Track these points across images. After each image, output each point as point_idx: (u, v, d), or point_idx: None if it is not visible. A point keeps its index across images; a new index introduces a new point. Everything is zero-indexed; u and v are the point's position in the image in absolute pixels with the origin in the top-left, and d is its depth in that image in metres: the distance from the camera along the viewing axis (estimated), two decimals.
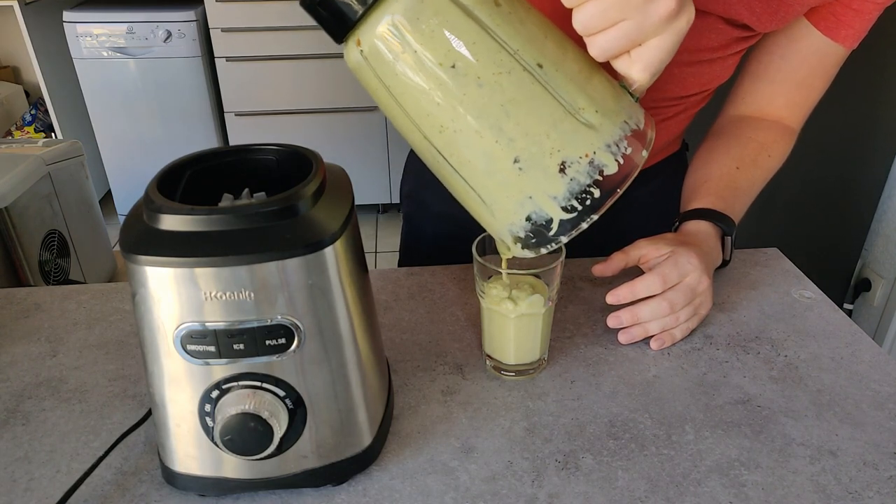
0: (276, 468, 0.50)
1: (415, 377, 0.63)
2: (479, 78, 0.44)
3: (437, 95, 0.44)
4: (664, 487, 0.51)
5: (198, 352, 0.45)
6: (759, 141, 0.79)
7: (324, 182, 0.48)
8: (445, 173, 0.50)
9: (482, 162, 0.46)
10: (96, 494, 0.51)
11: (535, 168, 0.45)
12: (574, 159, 0.45)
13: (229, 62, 2.44)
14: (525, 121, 0.45)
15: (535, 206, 0.47)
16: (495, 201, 0.48)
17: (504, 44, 0.43)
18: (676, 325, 0.66)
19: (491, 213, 0.50)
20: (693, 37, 0.71)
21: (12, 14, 2.34)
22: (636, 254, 0.69)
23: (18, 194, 1.47)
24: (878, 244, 1.91)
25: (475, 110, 0.44)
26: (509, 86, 0.44)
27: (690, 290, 0.65)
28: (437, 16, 0.43)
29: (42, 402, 0.60)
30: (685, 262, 0.65)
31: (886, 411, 0.59)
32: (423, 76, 0.44)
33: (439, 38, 0.43)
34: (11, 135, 2.67)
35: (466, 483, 0.52)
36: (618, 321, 0.66)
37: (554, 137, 0.45)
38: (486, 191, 0.48)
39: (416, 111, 0.46)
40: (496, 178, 0.47)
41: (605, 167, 0.45)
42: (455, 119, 0.45)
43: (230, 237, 0.43)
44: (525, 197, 0.47)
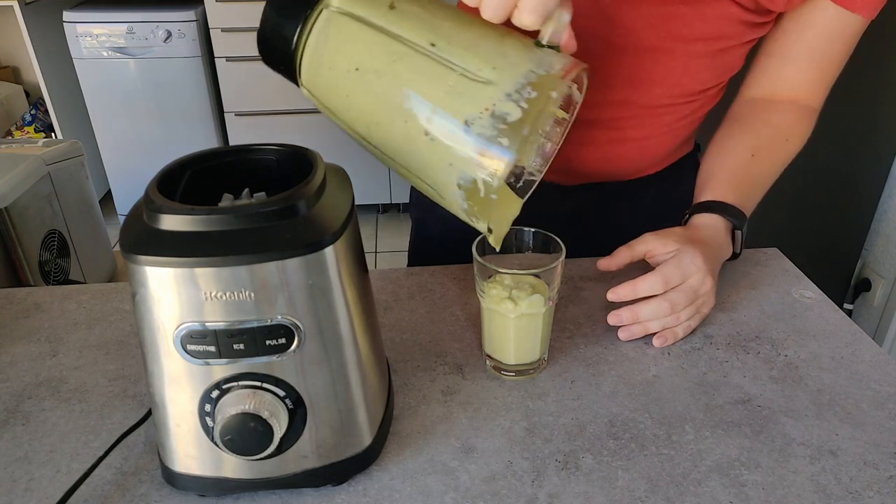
0: (276, 468, 0.50)
1: (415, 377, 0.63)
2: (378, 70, 0.49)
3: (355, 99, 0.50)
4: (664, 487, 0.51)
5: (198, 352, 0.45)
6: (775, 125, 0.77)
7: (324, 182, 0.48)
8: (399, 170, 0.53)
9: (405, 145, 0.50)
10: (96, 494, 0.51)
11: (444, 134, 0.48)
12: (475, 116, 0.47)
13: (229, 62, 2.44)
14: (424, 95, 0.48)
15: (457, 171, 0.49)
16: (433, 180, 0.51)
17: (397, 37, 0.49)
18: (678, 325, 0.66)
19: (439, 194, 0.52)
20: (707, 25, 0.71)
21: (12, 14, 2.34)
22: (642, 248, 0.69)
23: (18, 194, 1.47)
24: (878, 244, 1.91)
25: (381, 99, 0.49)
26: (404, 70, 0.48)
27: (693, 291, 0.65)
28: (340, 33, 0.49)
29: (42, 402, 0.60)
30: (689, 262, 0.65)
31: (886, 411, 0.59)
32: (343, 86, 0.50)
33: (343, 50, 0.49)
34: (11, 135, 2.67)
35: (466, 483, 0.52)
36: (618, 319, 0.66)
37: (451, 101, 0.48)
38: (423, 173, 0.51)
39: (350, 119, 0.51)
40: (420, 157, 0.50)
41: (507, 115, 0.47)
42: (373, 113, 0.50)
43: (230, 237, 0.43)
44: (447, 165, 0.49)
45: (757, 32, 0.74)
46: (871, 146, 1.78)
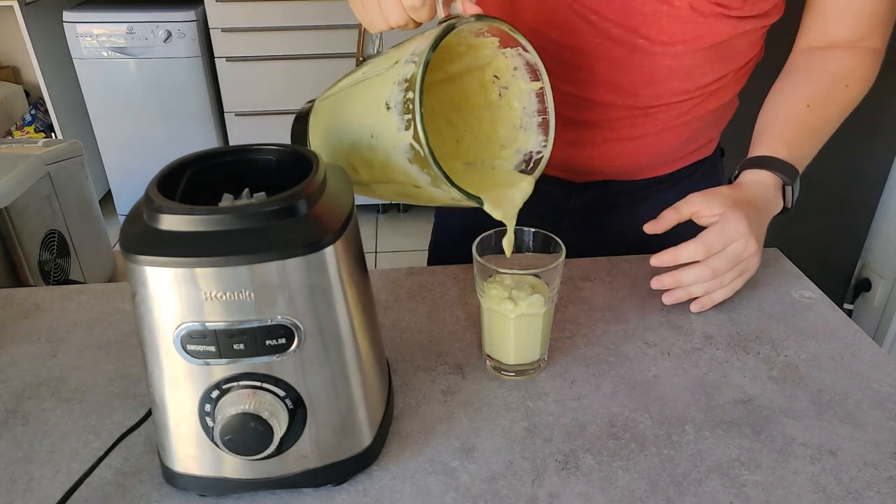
0: (277, 468, 0.50)
1: (415, 377, 0.63)
2: (341, 113, 0.63)
3: (341, 141, 0.63)
4: (664, 487, 0.51)
5: (198, 352, 0.45)
6: (831, 73, 0.75)
7: (324, 182, 0.48)
8: (403, 191, 0.61)
9: (373, 156, 0.59)
10: (96, 494, 0.51)
11: (379, 124, 0.57)
12: (388, 93, 0.56)
13: (229, 62, 2.44)
14: (359, 106, 0.60)
15: (401, 149, 0.56)
16: (405, 174, 0.57)
17: (346, 87, 0.63)
18: (719, 289, 0.67)
19: (416, 184, 0.58)
20: (686, 26, 0.71)
21: (12, 14, 2.34)
22: (688, 211, 0.69)
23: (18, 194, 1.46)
24: (878, 244, 1.91)
25: (348, 127, 0.61)
26: (351, 99, 0.62)
27: (735, 257, 0.65)
28: (319, 112, 0.66)
29: (42, 402, 0.60)
30: (732, 228, 0.65)
31: (886, 411, 0.59)
32: (334, 138, 0.64)
33: (325, 116, 0.65)
34: (11, 135, 2.67)
35: (466, 483, 0.52)
36: (660, 284, 0.68)
37: (377, 95, 0.57)
38: (394, 175, 0.59)
39: (352, 160, 0.62)
40: (380, 159, 0.58)
41: (406, 74, 0.54)
42: (349, 143, 0.61)
43: (230, 237, 0.43)
44: (392, 147, 0.56)
45: (752, 24, 0.73)
46: (871, 146, 1.78)
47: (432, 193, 0.58)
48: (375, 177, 0.61)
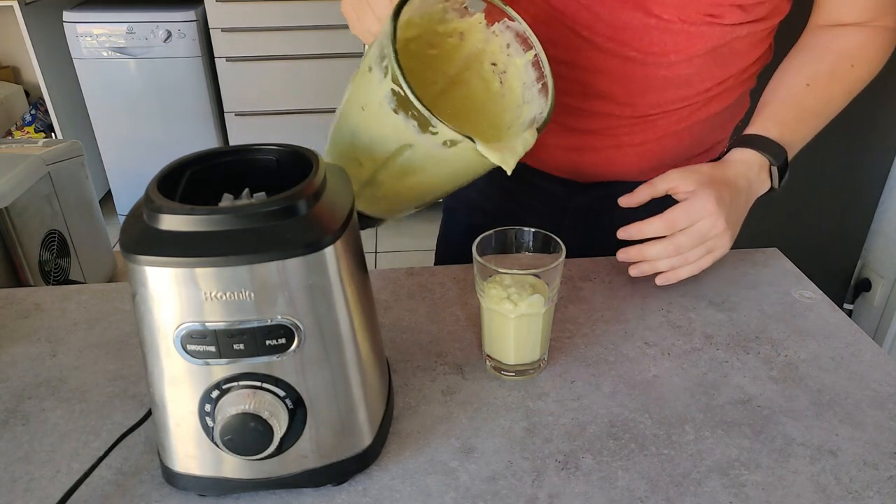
0: (277, 468, 0.50)
1: (415, 377, 0.63)
2: (338, 117, 0.65)
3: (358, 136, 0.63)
4: (664, 487, 0.51)
5: (198, 352, 0.45)
6: (836, 51, 0.74)
7: (324, 182, 0.48)
8: (412, 174, 0.62)
9: (364, 131, 0.61)
10: (96, 494, 0.51)
11: (364, 90, 0.59)
12: (370, 58, 0.59)
13: (229, 62, 2.44)
14: (351, 91, 0.62)
15: (385, 96, 0.56)
16: (395, 133, 0.58)
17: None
18: (685, 265, 0.67)
19: (409, 142, 0.58)
20: (677, 37, 0.71)
21: (12, 14, 2.34)
22: (663, 186, 0.69)
23: (18, 194, 1.46)
24: (878, 244, 1.91)
25: (345, 120, 0.63)
26: (346, 97, 0.64)
27: (701, 235, 0.66)
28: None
29: (42, 402, 0.60)
30: (699, 206, 0.65)
31: (886, 411, 0.59)
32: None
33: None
34: (11, 135, 2.67)
35: (466, 483, 0.52)
36: (626, 256, 0.68)
37: (361, 72, 0.61)
38: (389, 141, 0.59)
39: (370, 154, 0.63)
40: (372, 127, 0.60)
41: (382, 34, 0.57)
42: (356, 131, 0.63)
43: (230, 237, 0.43)
44: (378, 106, 0.57)
45: (748, 28, 0.72)
46: (871, 146, 1.78)
47: (430, 158, 0.58)
48: (374, 159, 0.61)
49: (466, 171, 0.61)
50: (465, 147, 0.56)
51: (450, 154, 0.57)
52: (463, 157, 0.58)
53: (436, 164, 0.60)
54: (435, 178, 0.63)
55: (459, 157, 0.58)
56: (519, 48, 0.65)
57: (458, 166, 0.60)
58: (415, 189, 0.64)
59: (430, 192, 0.66)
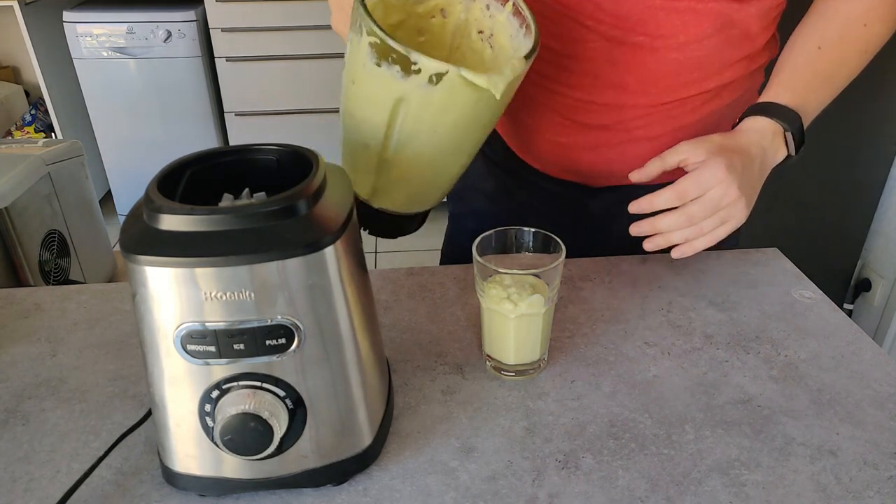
0: (277, 468, 0.50)
1: (415, 377, 0.63)
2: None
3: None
4: (664, 487, 0.51)
5: (198, 352, 0.45)
6: (846, 13, 0.72)
7: (324, 182, 0.48)
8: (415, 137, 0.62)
9: (360, 103, 0.62)
10: (96, 494, 0.51)
11: (348, 60, 0.61)
12: (350, 34, 0.60)
13: (229, 62, 2.44)
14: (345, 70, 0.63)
15: (366, 53, 0.57)
16: (384, 89, 0.58)
17: None
18: (699, 236, 0.66)
19: (400, 95, 0.58)
20: (685, 15, 0.70)
21: (12, 14, 2.34)
22: (674, 158, 0.68)
23: (18, 194, 1.46)
24: (878, 244, 1.91)
25: (345, 111, 0.65)
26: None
27: (713, 204, 0.65)
28: None
29: (42, 402, 0.60)
30: (710, 175, 0.64)
31: (886, 411, 0.59)
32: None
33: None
34: (11, 135, 2.67)
35: (466, 483, 0.52)
36: (639, 230, 0.67)
37: (347, 55, 0.62)
38: (381, 102, 0.59)
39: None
40: (362, 92, 0.61)
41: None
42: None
43: (230, 237, 0.43)
44: (362, 66, 0.58)
45: (756, 5, 0.71)
46: (871, 146, 1.78)
47: (426, 109, 0.57)
48: (375, 130, 0.61)
49: (467, 120, 0.60)
50: (453, 83, 0.55)
51: (442, 96, 0.57)
52: (456, 99, 0.57)
53: (433, 115, 0.59)
54: (440, 139, 0.61)
55: (453, 99, 0.57)
56: (497, 4, 0.65)
57: (455, 114, 0.59)
58: (426, 160, 0.63)
59: (443, 160, 0.64)
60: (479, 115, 0.60)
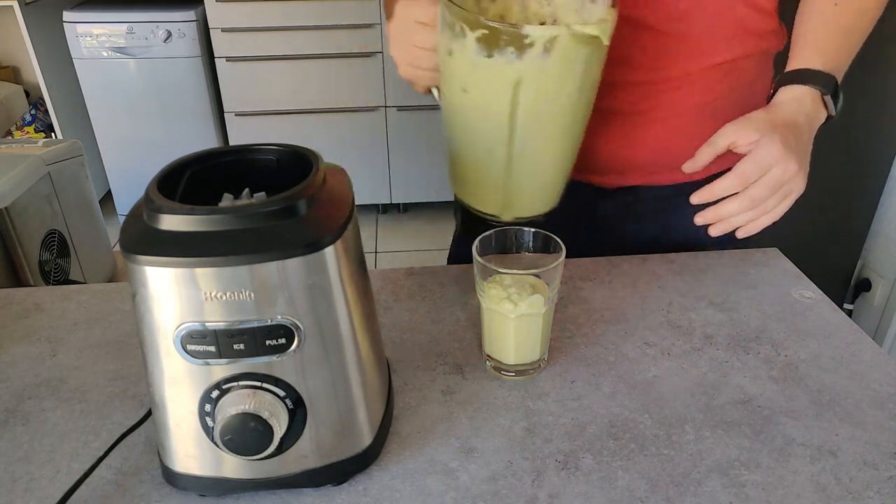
0: (277, 468, 0.50)
1: (415, 377, 0.63)
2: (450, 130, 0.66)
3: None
4: (664, 487, 0.51)
5: (198, 352, 0.45)
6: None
7: (324, 182, 0.48)
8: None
9: (481, 110, 0.61)
10: (96, 494, 0.51)
11: (460, 74, 0.61)
12: (444, 45, 0.61)
13: (229, 62, 2.44)
14: (448, 93, 0.64)
15: (473, 50, 0.57)
16: (501, 81, 0.58)
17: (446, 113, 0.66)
18: (764, 214, 0.66)
19: (517, 78, 0.58)
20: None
21: (12, 14, 2.34)
22: (724, 142, 0.67)
23: (18, 194, 1.46)
24: (878, 244, 1.91)
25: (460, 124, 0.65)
26: (449, 112, 0.65)
27: (775, 182, 0.64)
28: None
29: (42, 402, 0.60)
30: (766, 155, 0.64)
31: (886, 411, 0.59)
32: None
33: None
34: (11, 135, 2.67)
35: (466, 483, 0.52)
36: (703, 219, 0.66)
37: (446, 71, 0.63)
38: (499, 94, 0.59)
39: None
40: (482, 94, 0.60)
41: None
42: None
43: (230, 237, 0.43)
44: (472, 66, 0.59)
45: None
46: (871, 146, 1.78)
47: (544, 81, 0.57)
48: (500, 128, 0.59)
49: (582, 82, 0.59)
50: (566, 45, 0.55)
51: (557, 63, 0.56)
52: (570, 61, 0.56)
53: (554, 87, 0.58)
54: (562, 111, 0.60)
55: (567, 62, 0.56)
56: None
57: (572, 78, 0.58)
58: (554, 140, 0.61)
59: (568, 135, 0.63)
60: (591, 73, 0.59)
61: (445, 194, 2.74)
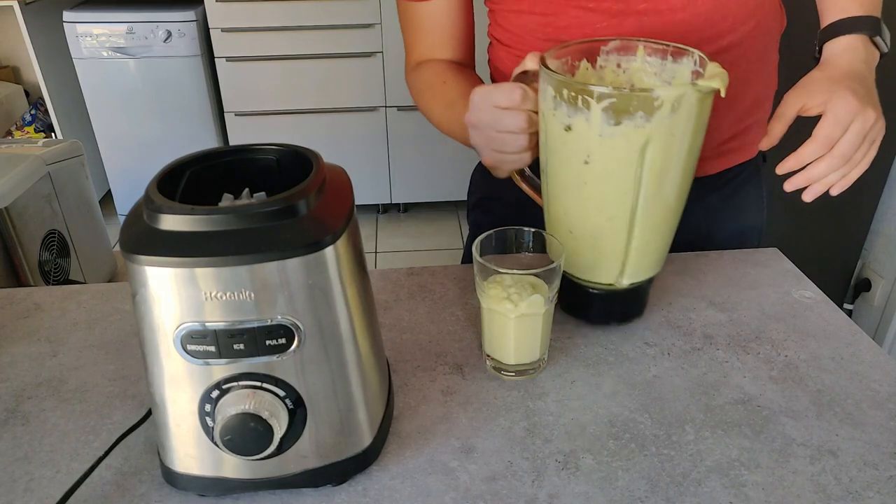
0: (276, 468, 0.50)
1: (415, 377, 0.63)
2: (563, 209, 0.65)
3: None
4: (664, 487, 0.51)
5: (198, 352, 0.45)
6: None
7: (324, 182, 0.48)
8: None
9: (606, 189, 0.61)
10: (96, 494, 0.51)
11: (582, 147, 0.60)
12: (561, 122, 0.60)
13: (229, 62, 2.44)
14: (561, 161, 0.64)
15: (599, 124, 0.57)
16: (626, 153, 0.59)
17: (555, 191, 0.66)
18: (854, 168, 0.65)
19: (648, 138, 0.58)
20: None
21: (12, 14, 2.34)
22: (791, 112, 0.66)
23: (18, 194, 1.46)
24: (878, 244, 1.91)
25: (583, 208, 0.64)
26: (557, 190, 0.65)
27: (859, 135, 0.63)
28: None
29: (42, 402, 0.60)
30: (844, 111, 0.63)
31: (886, 411, 0.59)
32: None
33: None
34: (11, 135, 2.67)
35: (466, 483, 0.52)
36: (793, 185, 0.65)
37: (557, 143, 0.62)
38: (625, 166, 0.59)
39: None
40: (612, 161, 0.60)
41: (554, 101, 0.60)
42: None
43: (230, 237, 0.43)
44: (598, 139, 0.58)
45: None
46: None
47: (671, 138, 0.57)
48: (626, 194, 0.60)
49: (701, 133, 0.59)
50: (690, 101, 0.55)
51: (682, 119, 0.56)
52: (692, 116, 0.56)
53: (676, 142, 0.58)
54: (683, 164, 0.60)
55: (690, 117, 0.57)
56: (626, 57, 0.67)
57: (694, 131, 0.58)
58: (674, 194, 0.61)
59: (686, 185, 0.63)
60: (704, 120, 0.59)
61: (445, 194, 2.74)
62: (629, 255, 0.63)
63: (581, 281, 0.66)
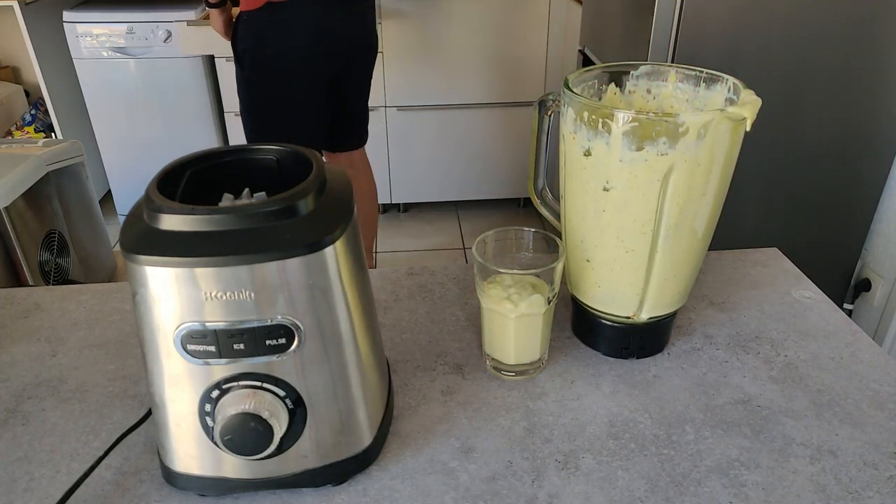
0: (276, 468, 0.50)
1: (415, 377, 0.63)
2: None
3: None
4: (664, 487, 0.51)
5: (198, 352, 0.45)
6: None
7: (324, 182, 0.48)
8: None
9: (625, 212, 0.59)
10: (96, 494, 0.51)
11: (603, 171, 0.58)
12: (580, 146, 0.58)
13: (229, 62, 2.43)
14: (582, 189, 0.61)
15: (619, 148, 0.55)
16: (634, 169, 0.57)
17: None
18: None
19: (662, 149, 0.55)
20: None
21: (12, 14, 2.34)
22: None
23: (18, 194, 1.47)
24: (878, 244, 1.91)
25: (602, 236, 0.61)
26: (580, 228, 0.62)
27: None
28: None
29: (42, 402, 0.60)
30: None
31: (886, 411, 0.59)
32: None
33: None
34: (11, 135, 2.67)
35: (466, 483, 0.52)
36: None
37: (576, 170, 0.60)
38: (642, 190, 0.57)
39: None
40: (633, 188, 0.57)
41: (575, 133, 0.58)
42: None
43: (230, 237, 0.43)
44: (617, 162, 0.56)
45: None
46: (871, 146, 1.78)
47: (693, 167, 0.55)
48: (647, 219, 0.57)
49: (728, 162, 0.57)
50: (717, 128, 0.53)
51: (707, 147, 0.54)
52: (718, 143, 0.54)
53: (702, 171, 0.55)
54: (708, 193, 0.57)
55: (716, 146, 0.54)
56: (658, 83, 0.65)
57: (720, 160, 0.55)
58: (697, 225, 0.59)
59: (712, 217, 0.60)
60: (734, 151, 0.57)
61: (445, 194, 2.74)
62: (648, 289, 0.60)
63: (597, 312, 0.64)
